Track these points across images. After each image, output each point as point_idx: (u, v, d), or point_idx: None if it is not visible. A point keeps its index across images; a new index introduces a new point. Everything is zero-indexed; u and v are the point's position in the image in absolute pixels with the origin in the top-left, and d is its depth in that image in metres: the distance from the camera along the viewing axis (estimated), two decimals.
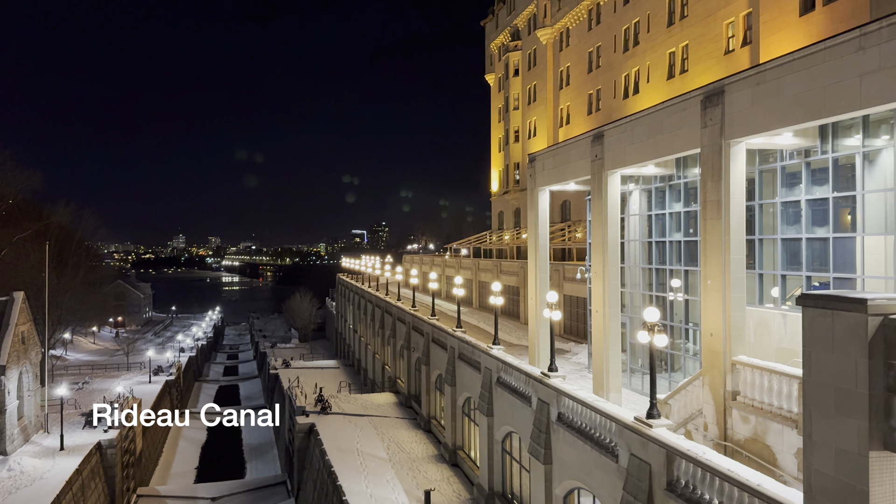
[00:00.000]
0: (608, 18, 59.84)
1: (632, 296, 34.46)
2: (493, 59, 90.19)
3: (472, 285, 75.40)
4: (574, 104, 67.06)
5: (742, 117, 21.72)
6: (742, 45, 41.55)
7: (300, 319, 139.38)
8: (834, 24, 31.35)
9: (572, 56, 67.44)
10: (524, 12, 77.25)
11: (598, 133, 31.08)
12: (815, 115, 18.81)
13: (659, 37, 51.12)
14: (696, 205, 28.60)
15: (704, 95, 23.40)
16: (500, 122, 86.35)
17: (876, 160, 20.42)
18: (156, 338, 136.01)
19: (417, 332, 50.06)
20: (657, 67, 51.41)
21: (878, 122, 20.34)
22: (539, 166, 37.62)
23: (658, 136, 26.61)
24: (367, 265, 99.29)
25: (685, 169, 30.02)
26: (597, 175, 31.15)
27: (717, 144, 22.76)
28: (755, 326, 24.55)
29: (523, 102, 79.01)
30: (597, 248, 31.37)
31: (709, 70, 44.21)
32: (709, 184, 23.18)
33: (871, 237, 20.50)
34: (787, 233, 24.07)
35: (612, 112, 57.60)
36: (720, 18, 43.49)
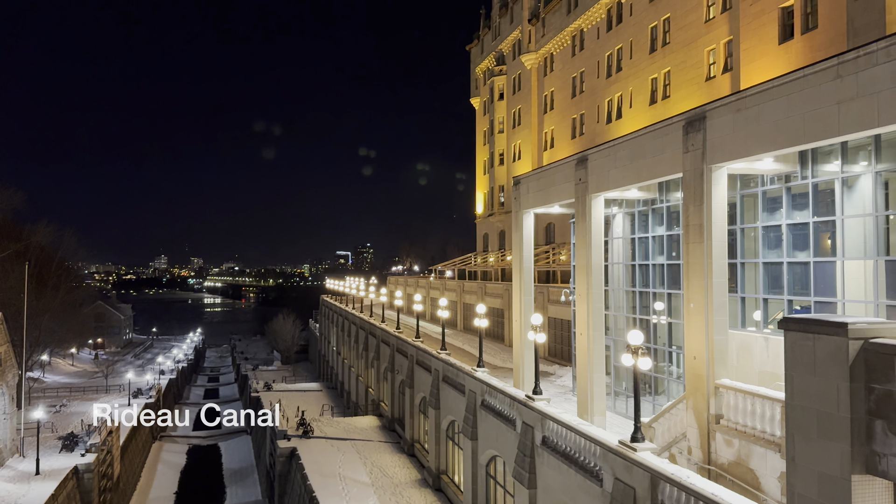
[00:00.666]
0: (591, 45, 60.71)
1: (616, 318, 34.56)
2: (479, 83, 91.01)
3: (457, 307, 75.29)
4: (558, 128, 67.71)
5: (723, 143, 22.02)
6: (723, 72, 42.27)
7: (283, 342, 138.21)
8: (812, 53, 32.01)
9: (556, 81, 68.23)
10: (509, 38, 78.20)
11: (581, 157, 31.36)
12: (795, 142, 19.12)
13: (641, 63, 51.90)
14: (678, 228, 28.85)
15: (686, 121, 23.72)
16: (486, 144, 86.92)
17: (855, 186, 20.75)
18: (136, 360, 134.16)
19: (402, 355, 49.78)
20: (640, 93, 52.12)
21: (856, 148, 20.70)
22: (524, 189, 37.83)
23: (641, 161, 26.89)
24: (351, 287, 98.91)
25: (668, 193, 30.31)
26: (581, 198, 31.37)
27: (698, 169, 23.03)
28: (738, 350, 24.68)
29: (508, 126, 79.67)
30: (581, 271, 31.49)
31: (690, 96, 44.88)
32: (691, 208, 23.41)
33: (850, 261, 20.75)
34: (768, 257, 24.32)
35: (596, 136, 58.21)
36: (701, 46, 44.27)
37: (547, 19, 69.32)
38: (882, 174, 19.73)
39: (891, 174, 19.57)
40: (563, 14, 65.28)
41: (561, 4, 65.92)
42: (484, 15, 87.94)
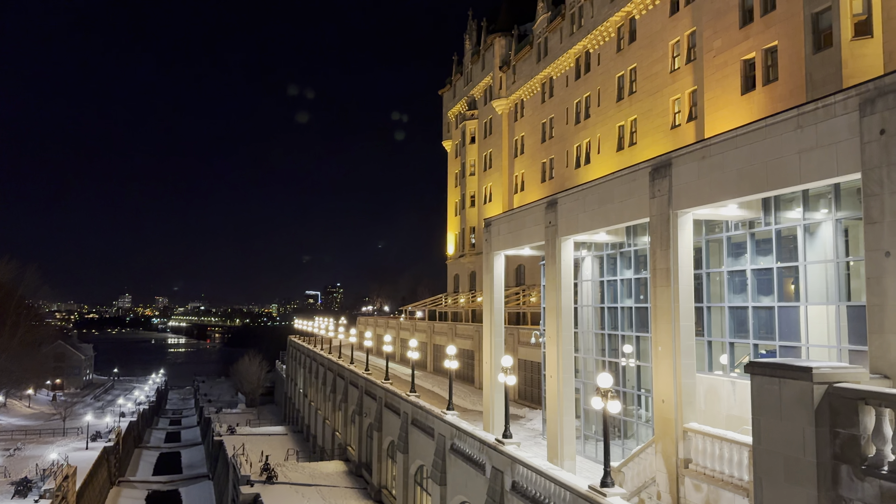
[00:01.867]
0: (561, 92, 62.12)
1: (585, 361, 34.62)
2: (451, 127, 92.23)
3: (427, 348, 74.78)
4: (528, 172, 68.67)
5: (689, 189, 22.52)
6: (688, 121, 43.47)
7: (248, 383, 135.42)
8: (773, 103, 33.15)
9: (527, 126, 69.47)
10: (480, 84, 79.66)
11: (551, 200, 31.76)
12: (758, 189, 19.62)
13: (609, 111, 53.17)
14: (646, 272, 29.21)
15: (653, 167, 24.24)
16: (457, 186, 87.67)
17: (816, 232, 21.29)
18: (95, 401, 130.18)
19: (370, 397, 49.08)
20: (607, 139, 53.26)
21: (817, 196, 21.30)
22: (495, 231, 38.10)
23: (609, 205, 27.32)
24: (320, 327, 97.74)
25: (635, 237, 30.76)
26: (550, 241, 31.67)
27: (665, 214, 23.47)
28: (706, 393, 24.82)
29: (479, 169, 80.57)
30: (551, 313, 31.60)
31: (656, 143, 45.99)
32: (658, 252, 23.76)
33: (813, 306, 21.16)
34: (734, 301, 24.68)
35: (565, 180, 59.13)
36: (667, 95, 45.56)
37: (517, 67, 70.90)
38: (842, 222, 20.29)
39: (850, 222, 20.13)
40: (533, 62, 66.86)
41: (531, 53, 67.56)
42: (456, 61, 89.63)
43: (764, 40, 34.33)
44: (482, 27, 78.71)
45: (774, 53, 33.94)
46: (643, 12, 48.39)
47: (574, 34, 58.51)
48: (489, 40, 75.70)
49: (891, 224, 15.59)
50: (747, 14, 35.90)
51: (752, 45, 35.19)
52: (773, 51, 33.98)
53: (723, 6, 37.42)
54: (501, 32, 74.35)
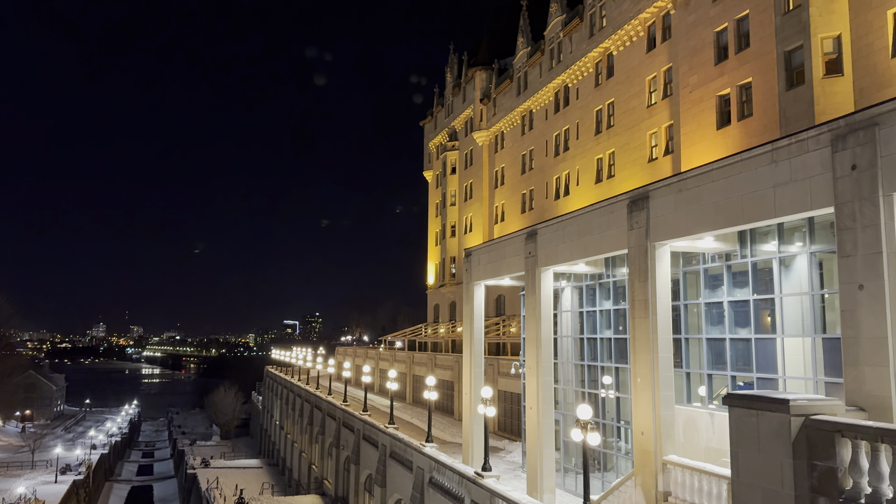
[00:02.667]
0: (540, 125, 62.91)
1: (565, 392, 34.50)
2: (432, 157, 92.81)
3: (407, 379, 74.15)
4: (509, 202, 69.14)
5: (666, 221, 22.78)
6: (665, 154, 44.15)
7: (223, 415, 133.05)
8: (748, 138, 33.82)
9: (507, 158, 70.13)
10: (461, 115, 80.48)
11: (531, 231, 31.94)
12: (734, 222, 19.91)
13: (587, 143, 53.89)
14: (625, 303, 29.35)
15: (630, 200, 24.52)
16: (438, 216, 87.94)
17: (791, 265, 21.58)
18: (66, 433, 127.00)
19: (348, 429, 48.42)
20: (586, 171, 53.88)
21: (791, 229, 21.63)
22: (475, 261, 38.16)
23: (588, 237, 27.53)
24: (297, 357, 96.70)
25: (614, 268, 30.95)
26: (530, 271, 31.76)
27: (643, 246, 23.69)
28: (684, 425, 24.82)
29: (460, 199, 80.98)
30: (531, 344, 31.55)
31: (634, 176, 46.60)
32: (636, 283, 23.92)
33: (790, 338, 21.35)
34: (711, 333, 24.84)
35: (545, 211, 59.57)
36: (644, 129, 46.32)
37: (498, 100, 71.79)
38: (816, 255, 20.60)
39: (825, 255, 20.45)
40: (514, 95, 67.76)
41: (511, 86, 68.50)
42: (438, 93, 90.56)
43: (738, 77, 35.15)
44: (463, 61, 79.77)
45: (749, 90, 34.73)
46: (620, 49, 49.40)
47: (553, 69, 59.48)
48: (470, 73, 76.68)
49: (864, 258, 15.86)
50: (722, 51, 36.78)
51: (727, 82, 36.00)
52: (748, 87, 34.78)
53: (698, 43, 38.33)
54: (482, 66, 75.37)
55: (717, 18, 36.85)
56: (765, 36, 33.12)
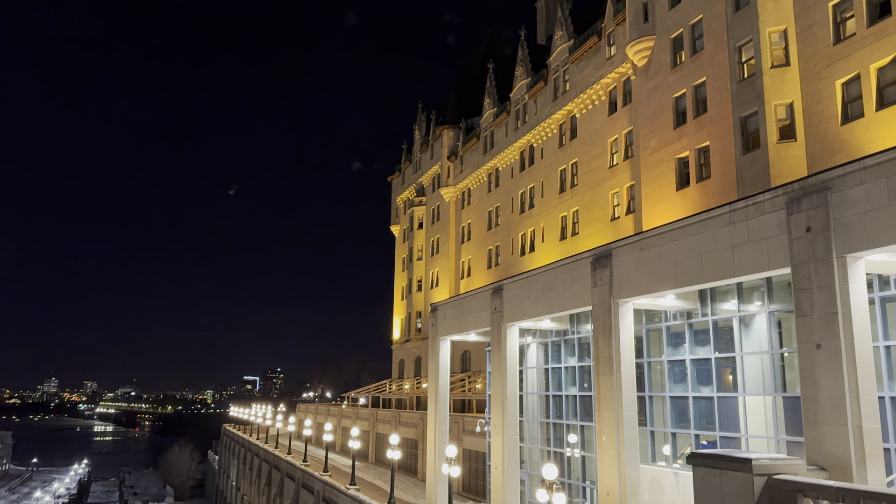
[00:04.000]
0: (506, 182, 63.96)
1: (531, 451, 34.08)
2: (399, 212, 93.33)
3: (370, 437, 72.56)
4: (475, 258, 69.53)
5: (629, 279, 23.11)
6: (627, 213, 45.10)
7: (177, 475, 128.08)
8: (707, 199, 34.79)
9: (474, 214, 70.87)
10: (429, 172, 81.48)
11: (497, 286, 32.06)
12: (695, 281, 20.27)
13: (552, 202, 54.85)
14: (590, 360, 29.40)
15: (594, 257, 24.87)
16: (404, 271, 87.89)
17: (751, 324, 21.94)
18: (10, 494, 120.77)
19: (307, 491, 46.94)
20: (551, 229, 54.66)
21: (750, 289, 22.08)
22: (441, 316, 38.03)
23: (553, 293, 27.73)
24: (257, 414, 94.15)
25: (579, 325, 31.11)
26: (496, 327, 31.74)
27: (606, 303, 23.92)
28: (649, 485, 24.62)
29: (427, 254, 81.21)
30: (496, 401, 31.27)
31: (597, 234, 47.39)
32: (600, 340, 24.04)
33: (751, 397, 21.53)
34: (674, 391, 24.94)
35: (511, 267, 59.99)
36: (606, 189, 47.39)
37: (465, 157, 73.00)
38: (775, 314, 21.00)
39: (783, 314, 20.86)
40: (480, 153, 69.00)
41: (478, 145, 69.81)
42: (406, 149, 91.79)
43: (697, 140, 36.38)
44: (431, 119, 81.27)
45: (707, 153, 35.92)
46: (583, 111, 50.91)
47: (519, 129, 60.89)
48: (438, 131, 78.04)
49: (820, 318, 16.23)
50: (680, 116, 38.14)
51: (685, 145, 37.21)
52: (706, 150, 35.98)
53: (657, 108, 39.70)
54: (450, 125, 76.83)
55: (675, 85, 38.33)
56: (722, 102, 34.48)
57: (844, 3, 28.38)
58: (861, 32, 27.39)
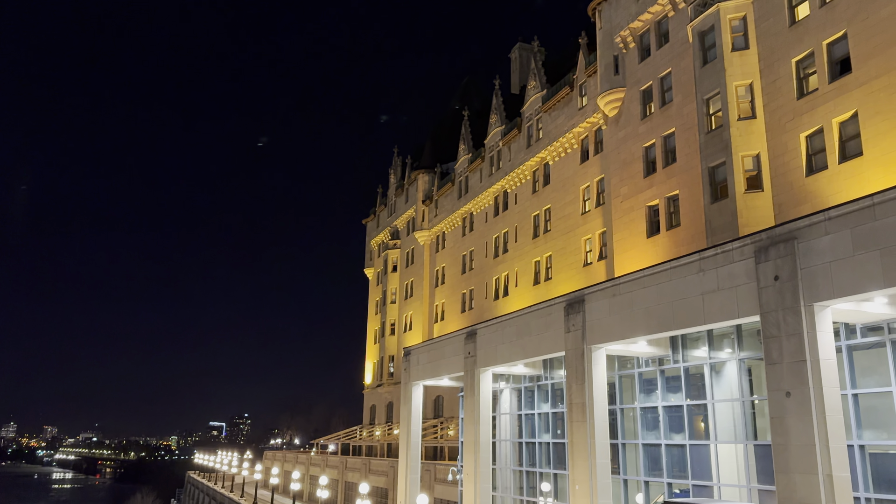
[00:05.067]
0: (481, 227, 64.40)
1: (503, 500, 33.53)
2: (373, 255, 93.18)
3: (339, 486, 70.84)
4: (449, 302, 69.38)
5: (601, 325, 23.21)
6: (599, 259, 45.55)
7: None
8: (677, 247, 35.31)
9: (448, 257, 71.02)
10: (404, 215, 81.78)
11: (471, 331, 31.96)
12: (666, 327, 20.43)
13: (526, 246, 55.25)
14: (563, 406, 29.27)
15: (567, 302, 24.98)
16: (377, 314, 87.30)
17: (722, 371, 22.09)
18: None
19: None
20: (524, 273, 54.92)
21: (721, 336, 22.31)
22: (414, 360, 37.70)
23: (526, 338, 27.71)
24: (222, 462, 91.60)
25: (552, 370, 31.04)
26: (470, 372, 31.53)
27: (579, 349, 23.95)
28: None
29: (400, 297, 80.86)
30: (469, 448, 30.85)
31: (570, 279, 47.70)
32: (574, 386, 23.98)
33: (723, 445, 21.54)
34: (647, 438, 24.86)
35: (485, 311, 59.93)
36: (579, 235, 47.92)
37: (440, 201, 73.51)
38: (745, 361, 21.19)
39: (753, 361, 21.05)
40: (455, 198, 69.55)
41: (453, 189, 70.41)
42: (381, 193, 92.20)
43: (666, 189, 37.10)
44: (407, 163, 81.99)
45: (676, 201, 36.61)
46: (556, 159, 51.78)
47: (493, 175, 61.65)
48: (413, 176, 78.64)
49: (790, 365, 16.41)
50: (650, 165, 38.95)
51: (655, 193, 37.91)
52: (675, 199, 36.67)
53: (628, 157, 40.54)
54: (425, 169, 77.53)
55: (645, 135, 39.24)
56: (690, 152, 35.33)
57: (807, 59, 29.51)
58: (823, 88, 28.43)
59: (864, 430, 18.06)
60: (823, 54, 28.55)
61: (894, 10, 25.75)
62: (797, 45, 29.76)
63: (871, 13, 26.59)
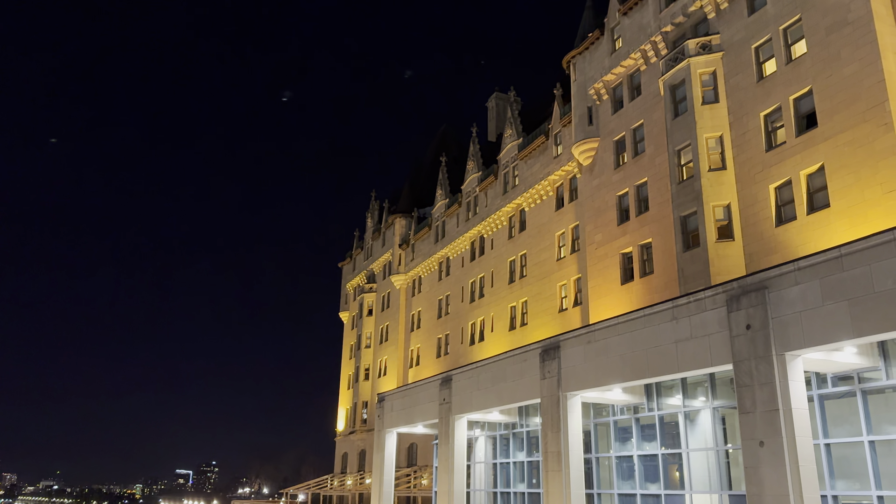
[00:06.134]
0: (457, 272, 64.50)
1: None
2: (349, 299, 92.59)
3: None
4: (424, 346, 68.90)
5: (576, 372, 23.17)
6: (574, 305, 45.74)
7: None
8: (651, 294, 35.63)
9: (424, 302, 70.80)
10: (380, 259, 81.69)
11: (446, 377, 31.69)
12: (640, 375, 20.45)
13: (502, 292, 55.35)
14: (538, 454, 28.95)
15: (543, 349, 24.95)
16: (352, 359, 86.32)
17: (696, 420, 22.09)
18: None
19: None
20: (500, 318, 54.88)
21: (695, 384, 22.38)
22: (388, 406, 37.18)
23: (502, 384, 27.52)
24: None
25: (527, 418, 30.79)
26: (444, 419, 31.14)
27: (555, 396, 23.84)
28: None
29: (375, 341, 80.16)
30: (443, 498, 30.28)
31: (546, 325, 47.74)
32: (549, 434, 23.78)
33: (698, 495, 21.40)
34: (622, 488, 24.64)
35: (460, 357, 59.58)
36: (554, 280, 48.18)
37: (416, 246, 73.65)
38: (719, 410, 21.23)
39: (727, 410, 21.10)
40: (432, 243, 69.76)
41: (430, 234, 70.68)
42: (358, 237, 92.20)
43: (640, 237, 37.62)
44: (384, 207, 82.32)
45: (649, 249, 37.09)
46: (532, 205, 52.38)
47: (469, 220, 62.09)
48: (390, 220, 78.89)
49: (763, 415, 16.46)
50: (624, 213, 39.54)
51: (629, 241, 38.40)
52: (648, 247, 37.17)
53: (602, 205, 41.14)
54: (402, 213, 77.87)
55: (618, 184, 39.93)
56: (662, 201, 35.96)
57: (775, 113, 30.45)
58: (791, 141, 29.28)
59: (837, 480, 18.09)
60: (790, 109, 29.50)
61: (856, 68, 26.79)
62: (765, 100, 30.73)
63: (834, 71, 27.63)
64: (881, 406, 17.80)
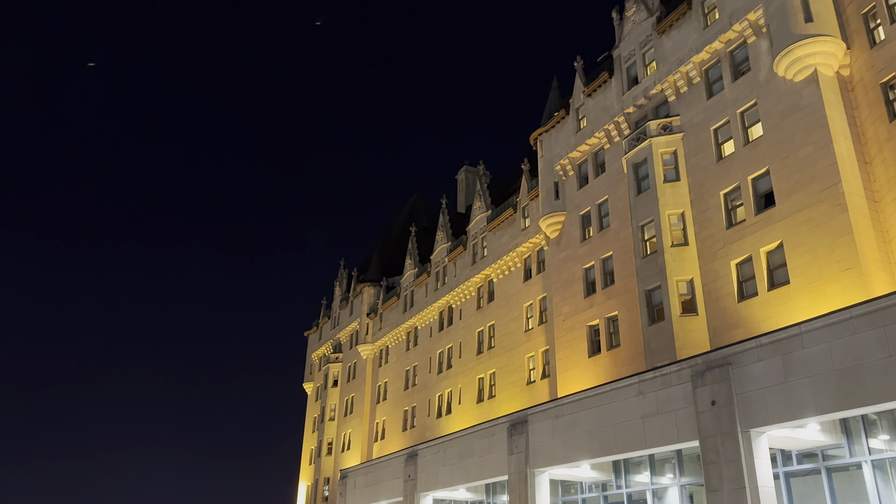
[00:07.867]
0: (425, 342, 64.01)
1: None
2: (314, 369, 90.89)
3: None
4: (390, 419, 67.50)
5: (544, 447, 22.86)
6: (542, 377, 45.51)
7: None
8: (618, 367, 35.67)
9: (391, 372, 69.81)
10: (347, 328, 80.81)
11: (411, 452, 30.98)
12: (608, 451, 20.27)
13: (470, 363, 54.94)
14: None
15: (510, 423, 24.64)
16: (314, 432, 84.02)
17: (664, 497, 21.82)
18: None
19: None
20: (468, 390, 54.25)
21: (662, 460, 22.21)
22: (351, 484, 36.06)
23: (469, 460, 26.98)
24: None
25: (495, 495, 30.09)
26: (409, 496, 30.27)
27: (522, 472, 23.41)
28: None
29: (340, 414, 78.31)
30: None
31: (514, 397, 47.29)
32: None
33: None
34: None
35: (427, 430, 58.42)
36: (522, 352, 48.06)
37: (384, 315, 73.15)
38: (687, 487, 21.04)
39: (694, 487, 20.91)
40: (400, 312, 69.39)
41: (398, 303, 70.38)
42: (325, 305, 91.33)
43: (606, 309, 37.95)
44: (353, 276, 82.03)
45: (616, 322, 37.38)
46: (500, 276, 52.75)
47: (438, 290, 62.12)
48: (359, 288, 78.49)
49: (730, 493, 16.35)
50: (590, 286, 39.99)
51: (595, 314, 38.69)
52: (615, 319, 37.46)
53: (569, 277, 41.61)
54: (371, 282, 77.61)
55: (585, 257, 40.55)
56: (628, 275, 36.52)
57: (734, 192, 31.49)
58: (750, 219, 30.20)
59: None
60: (749, 188, 30.55)
61: (810, 150, 28.01)
62: (725, 179, 31.82)
63: (790, 153, 28.84)
64: (846, 483, 17.82)
